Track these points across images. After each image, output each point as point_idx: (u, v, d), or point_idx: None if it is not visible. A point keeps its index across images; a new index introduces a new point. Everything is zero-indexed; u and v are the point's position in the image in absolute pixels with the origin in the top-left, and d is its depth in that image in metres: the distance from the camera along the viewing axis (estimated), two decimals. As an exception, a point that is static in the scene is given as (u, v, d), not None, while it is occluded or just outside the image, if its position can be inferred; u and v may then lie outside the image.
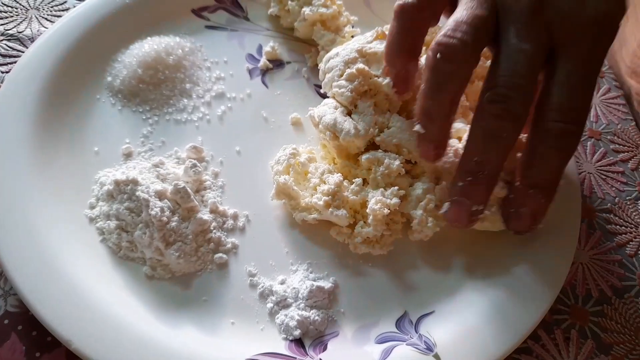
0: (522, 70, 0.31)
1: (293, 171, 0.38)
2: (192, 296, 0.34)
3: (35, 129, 0.38)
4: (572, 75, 0.32)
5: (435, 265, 0.37)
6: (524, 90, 0.31)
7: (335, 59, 0.40)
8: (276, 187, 0.37)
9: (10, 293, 0.33)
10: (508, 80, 0.31)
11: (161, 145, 0.40)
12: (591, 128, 0.50)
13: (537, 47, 0.31)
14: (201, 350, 0.31)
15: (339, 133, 0.37)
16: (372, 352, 0.33)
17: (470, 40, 0.31)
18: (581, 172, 0.47)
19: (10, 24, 0.47)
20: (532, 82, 0.31)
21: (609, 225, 0.44)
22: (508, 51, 0.31)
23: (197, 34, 0.48)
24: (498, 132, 0.31)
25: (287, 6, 0.48)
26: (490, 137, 0.32)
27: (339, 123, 0.37)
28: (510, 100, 0.31)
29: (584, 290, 0.40)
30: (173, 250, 0.34)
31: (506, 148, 0.32)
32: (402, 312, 0.35)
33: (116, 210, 0.35)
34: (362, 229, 0.36)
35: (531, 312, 0.34)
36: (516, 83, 0.31)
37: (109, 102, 0.42)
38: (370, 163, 0.37)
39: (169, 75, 0.43)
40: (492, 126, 0.31)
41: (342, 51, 0.40)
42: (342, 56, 0.40)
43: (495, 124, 0.31)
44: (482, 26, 0.32)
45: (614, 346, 0.37)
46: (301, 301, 0.34)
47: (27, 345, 0.31)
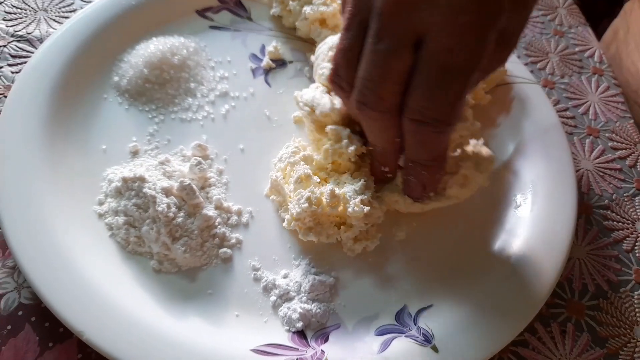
0: (375, 73, 0.30)
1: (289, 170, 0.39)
2: (198, 289, 0.35)
3: (45, 128, 0.39)
4: (430, 70, 0.29)
5: (433, 260, 0.38)
6: (377, 93, 0.31)
7: (323, 47, 0.42)
8: (270, 184, 0.39)
9: (24, 286, 0.34)
10: (362, 85, 0.31)
11: (167, 143, 0.42)
12: (590, 125, 0.51)
13: (396, 42, 0.29)
14: (207, 341, 0.32)
15: (316, 107, 0.38)
16: (372, 343, 0.34)
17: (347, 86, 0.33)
18: (579, 169, 0.47)
19: (19, 25, 0.48)
20: (390, 79, 0.30)
21: (606, 221, 0.44)
22: (365, 53, 0.30)
23: (201, 34, 0.49)
24: (374, 129, 0.34)
25: (288, 6, 0.49)
26: (372, 132, 0.35)
27: (317, 99, 0.39)
28: (366, 105, 0.32)
29: (581, 284, 0.40)
30: (179, 245, 0.35)
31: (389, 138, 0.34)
32: (401, 305, 0.36)
33: (124, 207, 0.36)
34: (345, 233, 0.37)
35: (528, 305, 0.35)
36: (369, 87, 0.31)
37: (116, 101, 0.43)
38: (333, 135, 0.38)
39: (174, 74, 0.44)
40: (368, 124, 0.35)
41: (330, 40, 0.42)
42: (328, 43, 0.42)
43: (367, 123, 0.34)
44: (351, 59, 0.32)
45: (609, 339, 0.38)
46: (303, 294, 0.35)
47: (41, 335, 0.32)
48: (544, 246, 0.38)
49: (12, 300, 0.34)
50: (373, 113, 0.32)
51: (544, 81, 0.54)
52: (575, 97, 0.53)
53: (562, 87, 0.54)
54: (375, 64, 0.30)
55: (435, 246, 0.39)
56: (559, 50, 0.58)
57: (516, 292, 0.36)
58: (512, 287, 0.36)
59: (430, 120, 0.30)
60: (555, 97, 0.53)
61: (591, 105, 0.53)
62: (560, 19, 0.61)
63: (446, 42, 0.29)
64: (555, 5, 0.63)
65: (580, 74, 0.56)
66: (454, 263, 0.38)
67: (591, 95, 0.54)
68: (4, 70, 0.45)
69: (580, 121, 0.51)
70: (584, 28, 0.61)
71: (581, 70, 0.56)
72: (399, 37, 0.29)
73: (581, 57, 0.57)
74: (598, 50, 0.58)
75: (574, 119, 0.51)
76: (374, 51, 0.30)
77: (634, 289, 0.41)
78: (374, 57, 0.30)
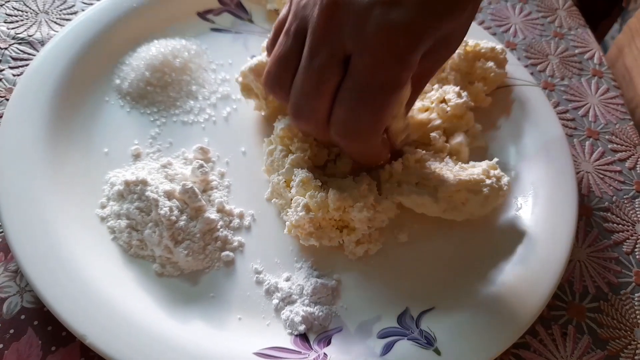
0: (308, 88, 0.32)
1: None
2: (200, 292, 0.35)
3: (47, 131, 0.39)
4: (354, 87, 0.31)
5: (435, 263, 0.39)
6: (311, 106, 0.33)
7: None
8: (271, 187, 0.39)
9: (26, 290, 0.34)
10: (296, 97, 0.33)
11: (169, 146, 0.42)
12: (589, 128, 0.51)
13: (328, 59, 0.31)
14: (210, 344, 0.32)
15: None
16: (375, 346, 0.34)
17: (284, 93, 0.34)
18: (579, 171, 0.48)
19: (20, 28, 0.48)
20: (322, 94, 0.32)
21: (606, 223, 0.45)
22: (301, 66, 0.32)
23: (203, 37, 0.49)
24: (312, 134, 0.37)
25: (284, 0, 0.49)
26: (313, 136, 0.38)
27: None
28: (299, 120, 0.35)
29: (581, 287, 0.41)
30: (182, 248, 0.35)
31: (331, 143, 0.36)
32: (403, 308, 0.36)
33: (126, 210, 0.36)
34: (348, 237, 0.37)
35: (529, 308, 0.35)
36: (302, 100, 0.33)
37: (118, 104, 0.43)
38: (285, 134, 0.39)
39: (175, 77, 0.45)
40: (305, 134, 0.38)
41: None
42: None
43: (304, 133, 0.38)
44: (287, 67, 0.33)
45: (609, 341, 0.38)
46: (306, 297, 0.35)
47: (43, 339, 0.32)
48: (545, 248, 0.39)
49: (14, 304, 0.34)
50: (307, 124, 0.34)
51: (544, 83, 0.54)
52: (575, 99, 0.54)
53: (562, 89, 0.54)
54: (309, 79, 0.32)
55: (436, 249, 0.39)
56: (558, 52, 0.58)
57: (517, 294, 0.36)
58: (513, 290, 0.36)
59: (352, 134, 0.33)
60: (555, 99, 0.53)
61: (591, 107, 0.53)
62: (560, 20, 0.61)
63: (368, 61, 0.30)
64: (555, 7, 0.63)
65: (580, 75, 0.56)
66: (456, 266, 0.38)
67: (591, 97, 0.54)
68: (5, 73, 0.45)
69: (580, 123, 0.52)
70: (584, 30, 0.61)
71: (581, 72, 0.56)
72: (330, 53, 0.31)
73: (581, 59, 0.58)
74: (598, 52, 0.58)
75: (574, 121, 0.52)
76: (308, 67, 0.32)
77: (635, 291, 0.41)
78: (308, 72, 0.32)
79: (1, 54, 0.45)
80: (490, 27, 0.59)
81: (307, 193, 0.36)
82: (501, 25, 0.60)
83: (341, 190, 0.37)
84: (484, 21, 0.60)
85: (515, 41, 0.58)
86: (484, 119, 0.45)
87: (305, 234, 0.36)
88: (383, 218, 0.38)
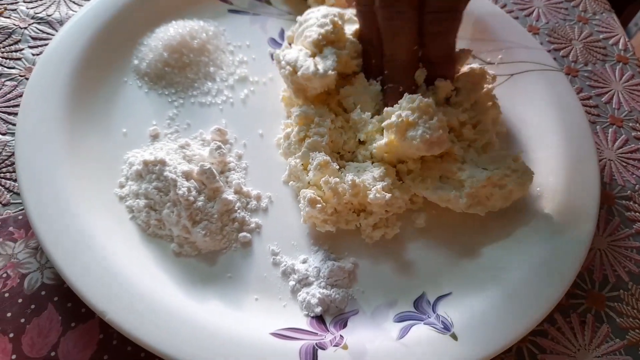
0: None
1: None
2: (217, 273, 0.35)
3: (66, 111, 0.39)
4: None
5: (452, 248, 0.38)
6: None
7: (315, 13, 0.43)
8: (289, 170, 0.39)
9: (47, 266, 0.35)
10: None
11: (186, 127, 0.42)
12: (613, 115, 0.50)
13: None
14: (227, 323, 0.32)
15: (299, 69, 0.39)
16: (391, 329, 0.34)
17: None
18: (602, 159, 0.47)
19: (39, 8, 0.48)
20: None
21: (629, 212, 0.44)
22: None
23: (221, 18, 0.49)
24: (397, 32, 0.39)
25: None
26: (393, 38, 0.39)
27: (300, 60, 0.39)
28: (392, 6, 0.38)
29: (601, 275, 0.40)
30: (199, 228, 0.35)
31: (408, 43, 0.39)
32: (420, 292, 0.36)
33: (145, 190, 0.36)
34: (365, 220, 0.37)
35: (547, 295, 0.35)
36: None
37: (136, 84, 0.43)
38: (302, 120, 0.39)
39: (193, 58, 0.44)
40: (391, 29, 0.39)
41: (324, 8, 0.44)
42: (322, 11, 0.43)
43: (391, 27, 0.39)
44: None
45: (629, 331, 0.37)
46: (322, 280, 0.35)
47: (63, 315, 0.33)
48: (566, 236, 0.38)
49: (35, 280, 0.34)
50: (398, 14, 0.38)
51: (567, 68, 0.53)
52: (599, 86, 0.52)
53: (585, 75, 0.53)
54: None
55: (454, 234, 0.39)
56: (582, 37, 0.56)
57: (537, 282, 0.36)
58: (532, 277, 0.36)
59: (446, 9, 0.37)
60: (578, 85, 0.52)
61: (615, 94, 0.52)
62: (585, 5, 0.60)
63: None
64: (580, -9, 0.61)
65: (605, 61, 0.54)
66: (474, 251, 0.38)
67: (615, 84, 0.53)
68: (25, 52, 0.45)
69: (604, 110, 0.50)
70: (609, 14, 0.59)
71: (605, 58, 0.55)
72: None
73: (605, 44, 0.56)
74: (623, 37, 0.57)
75: (597, 108, 0.50)
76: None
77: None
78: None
79: (21, 34, 0.46)
80: (513, 11, 0.58)
81: (322, 179, 0.36)
82: (524, 8, 0.58)
83: (358, 175, 0.37)
84: (505, 5, 0.58)
85: (538, 25, 0.57)
86: (505, 104, 0.44)
87: (320, 222, 0.36)
88: (400, 204, 0.38)
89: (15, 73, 0.43)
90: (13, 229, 0.36)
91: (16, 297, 0.33)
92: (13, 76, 0.43)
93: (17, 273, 0.34)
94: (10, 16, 0.47)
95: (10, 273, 0.34)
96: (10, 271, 0.34)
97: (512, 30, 0.51)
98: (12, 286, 0.34)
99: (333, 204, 0.36)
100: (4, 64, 0.44)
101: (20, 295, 0.33)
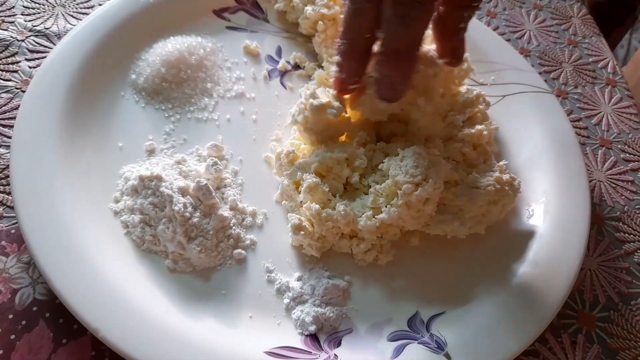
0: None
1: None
2: (212, 290, 0.35)
3: (63, 124, 0.39)
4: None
5: (446, 268, 0.38)
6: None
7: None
8: (281, 189, 0.39)
9: (39, 281, 0.34)
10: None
11: (183, 142, 0.42)
12: (602, 137, 0.51)
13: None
14: (221, 341, 0.32)
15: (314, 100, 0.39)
16: (385, 349, 0.34)
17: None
18: (591, 180, 0.48)
19: (37, 20, 0.48)
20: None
21: (618, 233, 0.44)
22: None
23: (218, 35, 0.49)
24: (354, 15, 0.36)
25: (292, 2, 0.50)
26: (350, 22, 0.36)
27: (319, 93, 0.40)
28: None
29: (592, 295, 0.40)
30: (195, 245, 0.35)
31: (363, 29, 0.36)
32: (413, 311, 0.36)
33: (140, 205, 0.36)
34: (357, 247, 0.37)
35: (539, 315, 0.35)
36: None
37: (133, 99, 0.43)
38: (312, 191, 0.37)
39: (191, 74, 0.45)
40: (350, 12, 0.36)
41: None
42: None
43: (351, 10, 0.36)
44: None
45: (619, 352, 0.38)
46: (317, 298, 0.35)
47: (55, 331, 0.33)
48: (557, 256, 0.38)
49: (26, 295, 0.34)
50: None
51: (557, 91, 0.54)
52: (588, 108, 0.53)
53: (575, 97, 0.54)
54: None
55: (447, 253, 0.39)
56: (572, 60, 0.58)
57: (528, 302, 0.36)
58: (524, 297, 0.36)
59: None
60: (568, 107, 0.53)
61: (604, 116, 0.53)
62: (575, 28, 0.61)
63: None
64: (570, 15, 0.63)
65: (594, 84, 0.56)
66: (467, 271, 0.38)
67: (604, 107, 0.54)
68: (22, 65, 0.45)
69: (593, 132, 0.51)
70: (598, 39, 0.61)
71: (594, 81, 0.56)
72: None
73: (595, 67, 0.57)
74: (612, 61, 0.58)
75: (587, 130, 0.52)
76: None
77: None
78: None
79: (18, 46, 0.46)
80: (505, 33, 0.59)
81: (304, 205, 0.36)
82: (515, 31, 0.60)
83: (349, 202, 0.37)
84: (498, 27, 0.60)
85: (530, 47, 0.58)
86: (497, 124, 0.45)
87: (306, 246, 0.37)
88: (395, 231, 0.38)
89: (11, 85, 0.43)
90: (5, 243, 0.36)
91: (7, 313, 0.33)
92: (9, 88, 0.43)
93: (9, 288, 0.34)
94: (8, 28, 0.47)
95: (1, 288, 0.34)
96: (1, 286, 0.34)
97: (505, 52, 0.52)
98: (2, 301, 0.33)
99: (317, 232, 0.36)
100: (0, 76, 0.44)
101: (11, 310, 0.33)
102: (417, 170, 0.35)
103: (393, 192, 0.35)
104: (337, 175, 0.38)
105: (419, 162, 0.35)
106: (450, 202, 0.38)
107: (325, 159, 0.38)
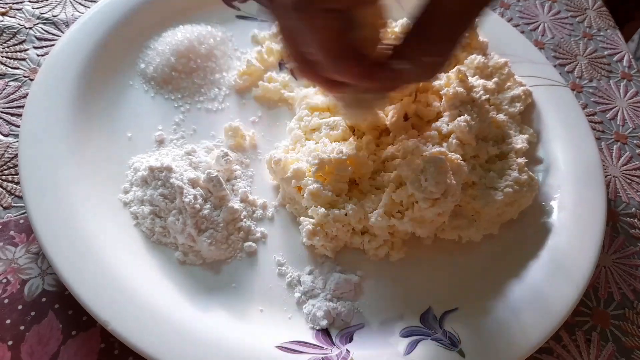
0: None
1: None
2: (222, 282, 0.35)
3: (71, 113, 0.38)
4: None
5: (459, 264, 0.38)
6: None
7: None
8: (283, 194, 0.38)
9: (48, 272, 0.34)
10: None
11: (192, 133, 0.41)
12: (617, 131, 0.50)
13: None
14: (231, 335, 0.32)
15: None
16: (397, 344, 0.33)
17: None
18: (606, 175, 0.47)
19: (45, 8, 0.47)
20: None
21: (633, 229, 0.44)
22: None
23: (228, 24, 0.48)
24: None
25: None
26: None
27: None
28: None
29: (606, 293, 0.40)
30: (205, 237, 0.34)
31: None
32: (426, 307, 0.36)
33: (150, 196, 0.36)
34: (369, 243, 0.36)
35: (555, 313, 0.35)
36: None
37: (142, 88, 0.43)
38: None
39: (200, 64, 0.44)
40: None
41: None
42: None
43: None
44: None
45: (634, 350, 0.37)
46: (328, 292, 0.35)
47: (64, 323, 0.32)
48: (572, 253, 0.38)
49: (35, 286, 0.33)
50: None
51: (572, 84, 0.53)
52: (604, 102, 0.52)
53: (590, 90, 0.53)
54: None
55: (461, 249, 0.38)
56: (587, 53, 0.57)
57: (543, 298, 0.36)
58: (538, 294, 0.36)
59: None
60: (583, 101, 0.52)
61: (619, 110, 0.52)
62: (590, 21, 0.60)
63: None
64: (585, 7, 0.62)
65: (609, 78, 0.55)
66: (480, 268, 0.38)
67: (619, 101, 0.53)
68: (30, 53, 0.44)
69: (608, 126, 0.51)
70: (614, 31, 0.60)
71: (610, 75, 0.55)
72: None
73: (610, 60, 0.56)
74: (627, 54, 0.57)
75: (602, 124, 0.51)
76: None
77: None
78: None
79: (26, 34, 0.45)
80: (519, 25, 0.58)
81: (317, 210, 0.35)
82: (529, 23, 0.59)
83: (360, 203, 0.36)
84: (512, 18, 0.59)
85: (544, 40, 0.57)
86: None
87: (320, 247, 0.36)
88: (407, 231, 0.37)
89: (19, 74, 0.43)
90: (14, 233, 0.35)
91: (16, 304, 0.32)
92: (17, 77, 0.42)
93: (18, 279, 0.33)
94: (16, 15, 0.46)
95: (10, 278, 0.33)
96: (10, 276, 0.33)
97: (519, 44, 0.51)
98: (12, 292, 0.33)
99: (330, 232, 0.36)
100: (8, 64, 0.43)
101: (20, 301, 0.33)
102: (437, 187, 0.33)
103: (408, 202, 0.35)
104: (339, 176, 0.37)
105: (440, 179, 0.33)
106: (467, 205, 0.37)
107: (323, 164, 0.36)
